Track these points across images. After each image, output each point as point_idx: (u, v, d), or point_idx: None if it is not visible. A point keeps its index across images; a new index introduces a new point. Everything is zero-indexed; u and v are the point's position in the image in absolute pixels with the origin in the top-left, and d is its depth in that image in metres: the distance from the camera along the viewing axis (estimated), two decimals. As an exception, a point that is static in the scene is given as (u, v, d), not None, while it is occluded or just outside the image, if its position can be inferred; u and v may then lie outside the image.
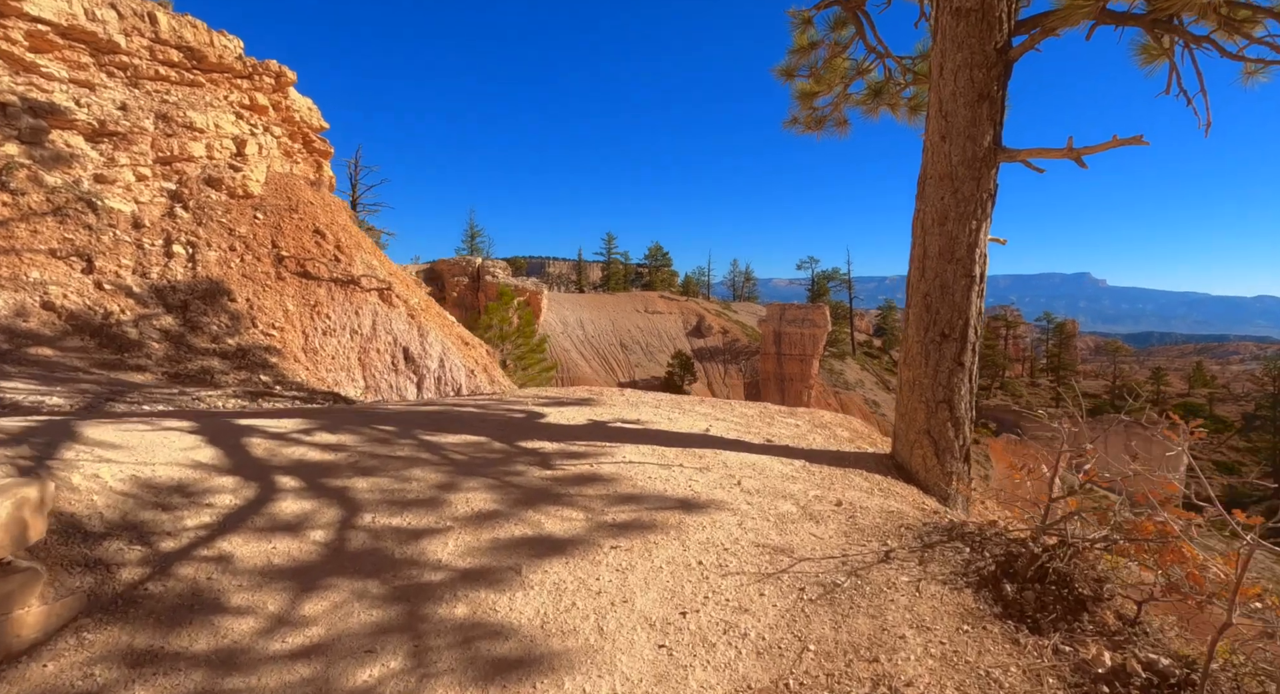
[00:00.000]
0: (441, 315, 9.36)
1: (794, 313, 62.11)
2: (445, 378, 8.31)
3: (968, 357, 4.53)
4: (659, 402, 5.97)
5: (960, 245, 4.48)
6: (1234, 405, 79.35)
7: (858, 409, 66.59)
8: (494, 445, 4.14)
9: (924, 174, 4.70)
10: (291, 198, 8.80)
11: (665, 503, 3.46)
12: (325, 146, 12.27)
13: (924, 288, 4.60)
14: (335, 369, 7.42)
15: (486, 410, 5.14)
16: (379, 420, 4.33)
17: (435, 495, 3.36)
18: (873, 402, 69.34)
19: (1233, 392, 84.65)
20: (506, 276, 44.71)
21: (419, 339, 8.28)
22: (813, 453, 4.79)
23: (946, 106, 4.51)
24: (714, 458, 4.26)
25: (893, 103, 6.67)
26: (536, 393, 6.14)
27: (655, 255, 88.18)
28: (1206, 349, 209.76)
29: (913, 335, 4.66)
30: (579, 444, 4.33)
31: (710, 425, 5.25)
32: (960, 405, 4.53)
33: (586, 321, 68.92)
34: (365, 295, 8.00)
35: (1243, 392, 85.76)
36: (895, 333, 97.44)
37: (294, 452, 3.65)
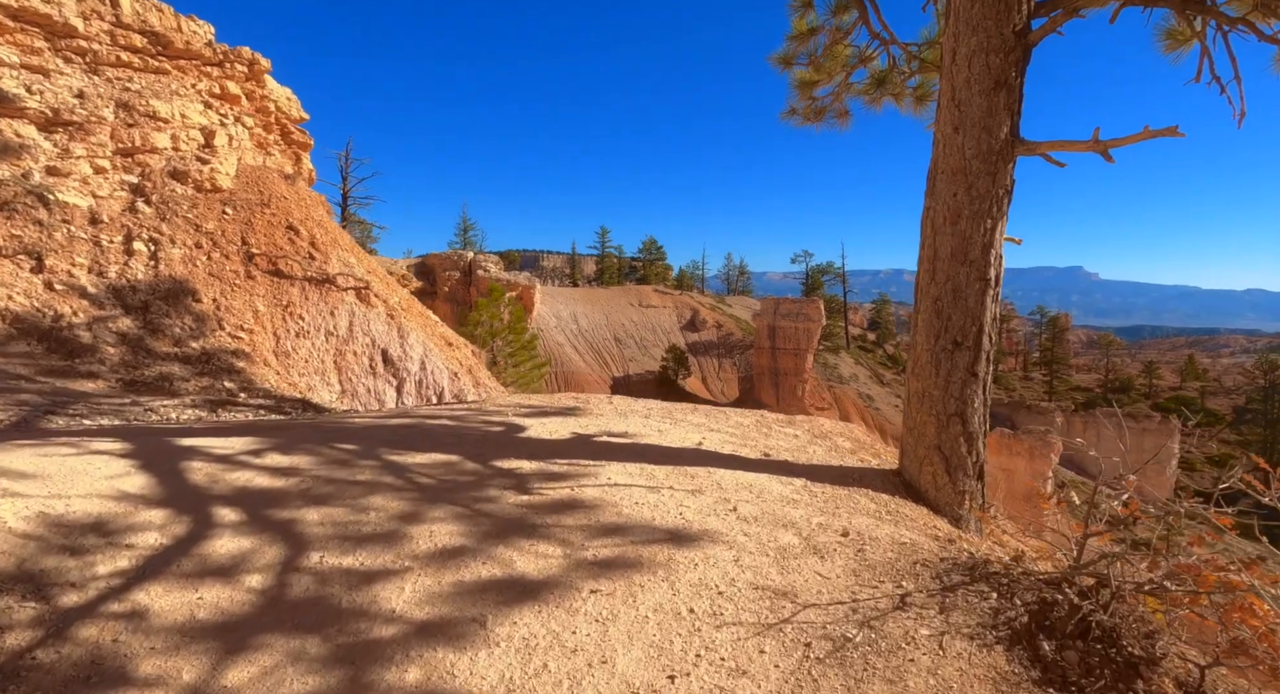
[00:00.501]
0: (424, 315, 8.98)
1: (788, 307, 61.85)
2: (427, 381, 7.93)
3: (982, 366, 4.18)
4: (649, 410, 5.62)
5: (974, 246, 4.13)
6: (1225, 399, 79.72)
7: (851, 403, 66.50)
8: (466, 466, 3.77)
9: (934, 168, 4.35)
10: (264, 192, 8.36)
11: (653, 534, 3.11)
12: (304, 138, 11.81)
13: (934, 292, 4.25)
14: (309, 373, 7.03)
15: (462, 423, 4.78)
16: (340, 438, 3.96)
17: (395, 528, 2.99)
18: (866, 396, 69.26)
19: (1224, 385, 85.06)
20: (499, 271, 44.22)
21: (399, 340, 7.90)
22: (814, 469, 4.44)
23: (960, 95, 4.15)
24: (707, 478, 3.91)
25: (897, 93, 6.31)
26: (519, 402, 5.77)
27: (649, 249, 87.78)
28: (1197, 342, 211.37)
29: (922, 343, 4.31)
30: (560, 463, 3.97)
31: (704, 438, 4.90)
32: (974, 419, 4.18)
33: (580, 316, 68.51)
34: (341, 295, 7.61)
35: (1234, 385, 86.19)
36: (889, 327, 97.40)
37: (239, 477, 3.27)
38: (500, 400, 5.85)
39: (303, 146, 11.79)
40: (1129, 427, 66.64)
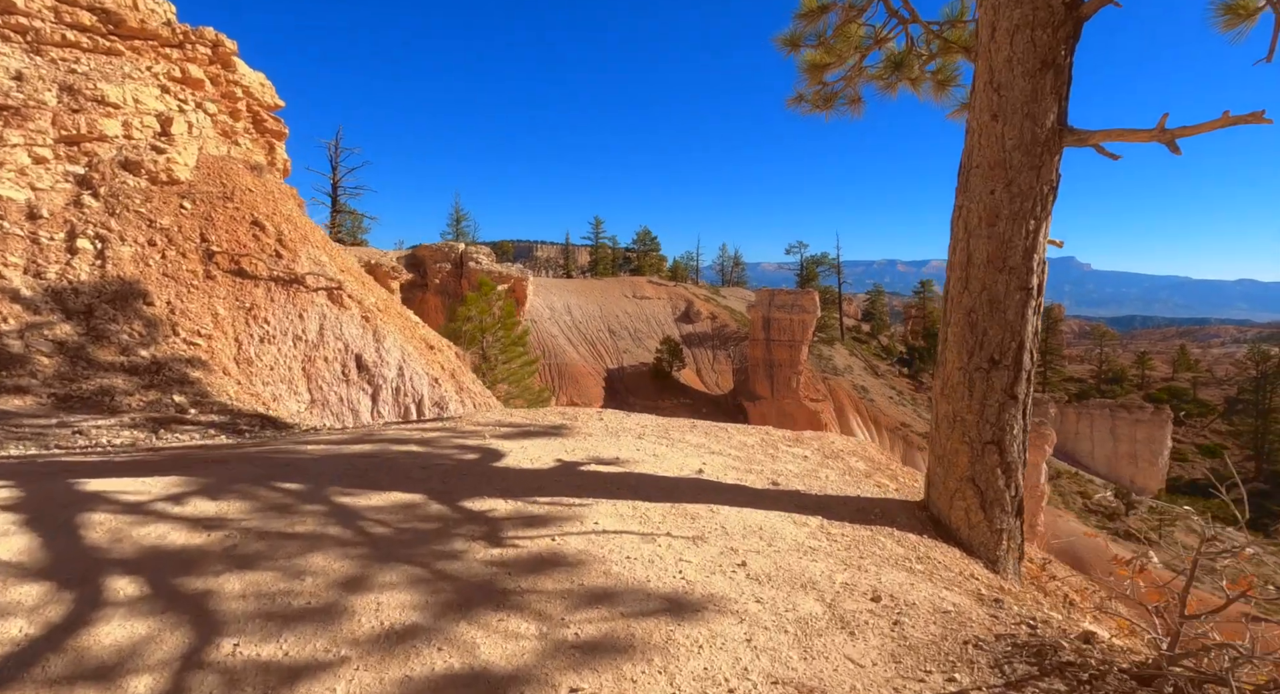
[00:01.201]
0: (403, 316, 8.41)
1: (783, 298, 61.39)
2: (405, 388, 7.39)
3: (1021, 387, 3.67)
4: (643, 429, 5.09)
5: (1014, 250, 3.60)
6: (1217, 389, 79.99)
7: (846, 395, 66.26)
8: (430, 508, 3.24)
9: (968, 162, 3.82)
10: (227, 184, 7.73)
11: (648, 603, 2.59)
12: (279, 126, 11.17)
13: (967, 302, 3.73)
14: (274, 381, 6.48)
15: (432, 448, 4.25)
16: (284, 473, 3.42)
17: (334, 600, 2.46)
18: (861, 387, 69.04)
19: (1215, 375, 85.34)
20: (490, 263, 43.52)
21: (374, 344, 7.34)
22: (829, 501, 3.93)
23: (1000, 78, 3.61)
24: (710, 519, 3.39)
25: (914, 78, 5.75)
26: (499, 419, 5.22)
27: (644, 240, 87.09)
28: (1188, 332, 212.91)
29: (953, 360, 3.80)
30: (541, 501, 3.44)
31: (704, 463, 4.38)
32: (1013, 448, 3.68)
33: (574, 307, 67.89)
34: (311, 296, 7.05)
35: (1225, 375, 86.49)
36: (883, 318, 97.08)
37: (149, 534, 2.73)
38: (479, 418, 5.30)
39: (277, 135, 11.15)
40: (1121, 417, 66.69)
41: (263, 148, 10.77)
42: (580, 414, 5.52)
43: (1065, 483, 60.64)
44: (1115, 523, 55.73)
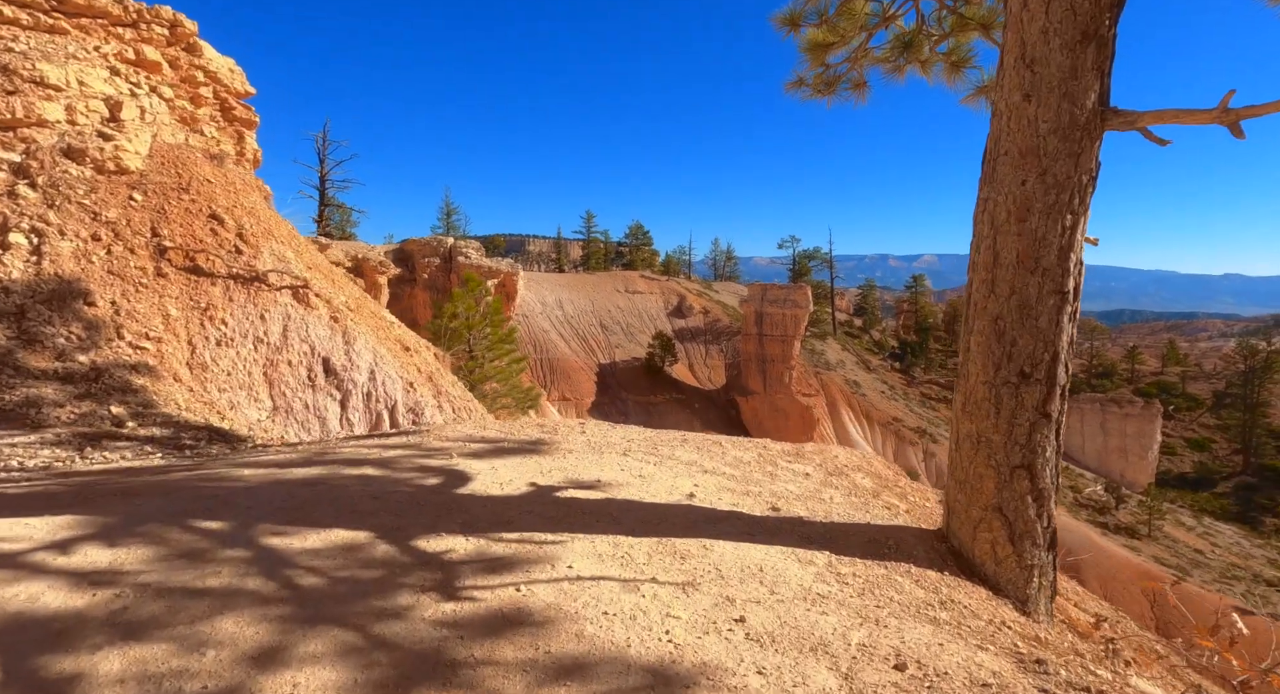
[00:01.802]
0: (376, 316, 7.91)
1: (776, 293, 61.13)
2: (376, 393, 6.90)
3: (1055, 404, 3.24)
4: (629, 444, 4.63)
5: (1048, 249, 3.16)
6: (1205, 383, 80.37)
7: (838, 389, 66.14)
8: (376, 550, 2.77)
9: (994, 149, 3.37)
10: (183, 175, 7.18)
11: (627, 678, 2.14)
12: (249, 115, 10.61)
13: (994, 308, 3.29)
14: (231, 388, 5.97)
15: (389, 471, 3.78)
16: (207, 509, 2.94)
17: (239, 681, 1.99)
18: (853, 382, 68.92)
19: (1204, 370, 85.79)
20: (480, 257, 42.90)
21: (344, 347, 6.85)
22: (836, 531, 3.49)
23: (1033, 52, 3.16)
24: (701, 558, 2.94)
25: (924, 60, 5.29)
26: (471, 433, 4.76)
27: (636, 234, 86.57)
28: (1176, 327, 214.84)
29: (977, 373, 3.36)
30: (508, 538, 2.98)
31: (695, 484, 3.93)
32: (1045, 473, 3.25)
33: (566, 302, 67.35)
34: (274, 295, 6.54)
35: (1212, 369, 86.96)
36: (874, 313, 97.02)
37: (18, 594, 2.25)
38: (449, 432, 4.82)
39: (246, 124, 10.58)
40: (1111, 412, 66.85)
41: (231, 137, 10.20)
42: (561, 427, 5.05)
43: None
44: (1106, 517, 55.92)
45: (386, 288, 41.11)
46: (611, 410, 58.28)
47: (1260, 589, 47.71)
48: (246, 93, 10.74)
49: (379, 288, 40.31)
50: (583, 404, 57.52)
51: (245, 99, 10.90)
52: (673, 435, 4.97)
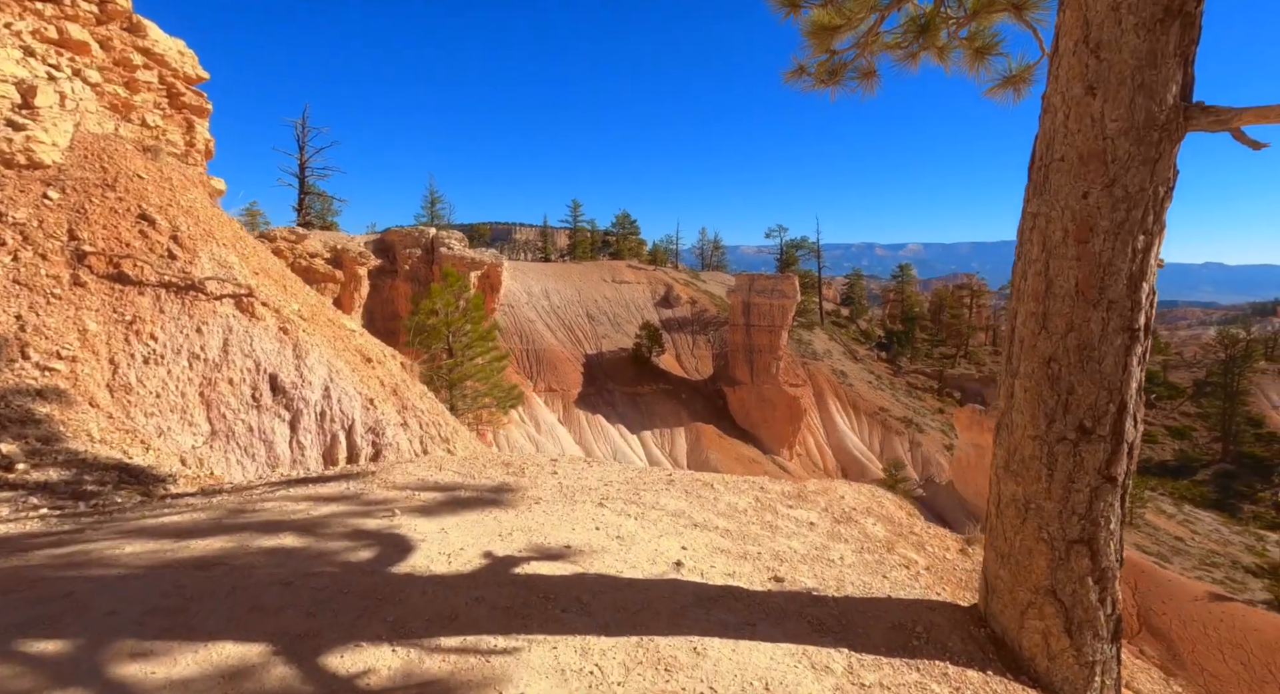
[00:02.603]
0: (334, 324, 7.20)
1: (763, 283, 60.68)
2: (331, 412, 6.24)
3: (1121, 465, 2.66)
4: (606, 487, 4.00)
5: (1115, 277, 2.58)
6: (1186, 372, 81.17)
7: (825, 380, 66.00)
8: (268, 678, 2.13)
9: (1046, 154, 2.76)
10: (109, 169, 6.41)
11: None
12: (200, 102, 9.79)
13: (1046, 347, 2.70)
14: (160, 411, 5.29)
15: (315, 539, 3.13)
16: (51, 617, 2.27)
17: None
18: (840, 372, 68.80)
19: (1185, 358, 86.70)
20: (463, 248, 41.96)
21: (294, 361, 6.18)
22: (853, 613, 2.91)
23: (1100, 34, 2.56)
24: (691, 671, 2.34)
25: (942, 46, 4.66)
26: (423, 478, 4.11)
27: (623, 223, 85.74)
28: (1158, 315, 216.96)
29: (1024, 426, 2.77)
30: (447, 645, 2.36)
31: (684, 547, 3.33)
32: (1109, 548, 2.68)
33: (552, 291, 66.51)
34: (213, 305, 5.84)
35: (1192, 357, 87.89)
36: (861, 302, 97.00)
37: None
38: (397, 476, 4.16)
39: (197, 112, 9.76)
40: (1095, 401, 67.10)
41: (179, 126, 9.39)
42: (529, 466, 4.41)
43: None
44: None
45: (367, 279, 40.13)
46: (598, 401, 57.75)
47: (1239, 575, 48.34)
48: (198, 78, 9.91)
49: (359, 279, 39.33)
50: (569, 395, 56.94)
51: (197, 84, 10.07)
52: (657, 476, 4.35)
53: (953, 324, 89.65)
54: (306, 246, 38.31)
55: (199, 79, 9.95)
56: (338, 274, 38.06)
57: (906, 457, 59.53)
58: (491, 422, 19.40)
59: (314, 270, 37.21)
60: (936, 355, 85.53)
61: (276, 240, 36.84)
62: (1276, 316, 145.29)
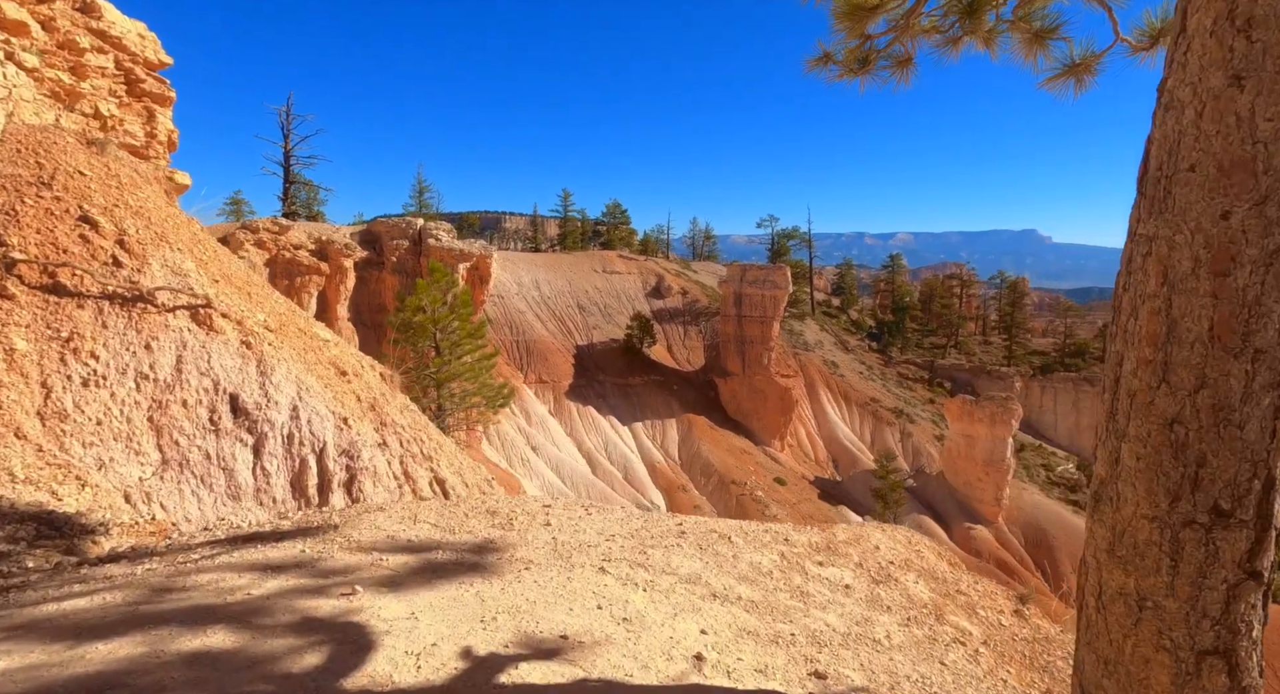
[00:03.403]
0: (305, 334, 6.55)
1: (755, 274, 60.22)
2: (300, 434, 5.64)
3: (1266, 558, 2.12)
4: (609, 545, 3.42)
5: (1265, 319, 2.02)
6: None
7: (817, 370, 65.82)
8: None
9: (1169, 163, 2.19)
10: (46, 165, 5.72)
11: None
12: (162, 89, 9.06)
13: (1168, 406, 2.15)
14: (102, 440, 4.66)
15: (251, 635, 2.54)
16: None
17: None
18: (831, 362, 68.66)
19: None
20: (451, 240, 41.10)
21: (258, 379, 5.57)
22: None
23: (1250, 7, 1.98)
24: None
25: (989, 31, 4.08)
26: (393, 535, 3.53)
27: (613, 212, 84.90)
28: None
29: (1137, 502, 2.22)
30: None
31: (704, 631, 2.78)
32: (1251, 662, 2.14)
33: (543, 282, 65.77)
34: (165, 318, 5.21)
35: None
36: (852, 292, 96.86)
37: None
38: (364, 533, 3.55)
39: (159, 100, 9.03)
40: (1084, 391, 67.46)
41: (138, 115, 8.66)
42: (519, 514, 3.82)
43: (1029, 456, 61.44)
44: (1077, 495, 56.63)
45: (353, 272, 39.22)
46: (589, 393, 57.28)
47: None
48: (160, 63, 9.17)
49: (344, 272, 38.43)
50: (560, 386, 56.39)
51: (160, 70, 9.33)
52: (665, 526, 3.76)
53: (943, 314, 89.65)
54: (290, 238, 37.33)
55: (161, 65, 9.21)
56: (323, 266, 37.14)
57: (897, 447, 59.53)
58: (480, 421, 18.80)
59: (298, 263, 36.29)
60: (927, 345, 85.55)
61: (259, 231, 35.84)
62: None
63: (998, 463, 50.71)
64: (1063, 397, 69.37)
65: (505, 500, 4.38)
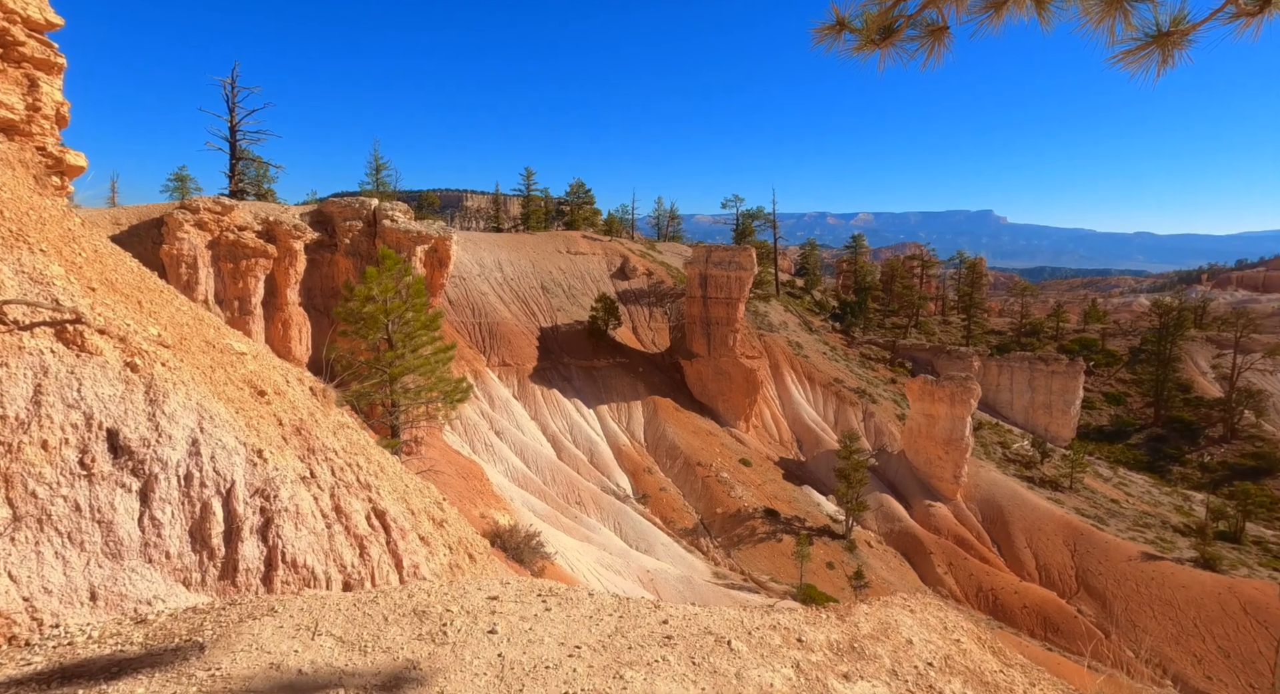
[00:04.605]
0: (214, 347, 5.49)
1: (720, 255, 59.67)
2: (201, 474, 4.69)
3: None
4: (572, 666, 2.59)
5: None
6: (1123, 339, 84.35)
7: (781, 351, 65.99)
8: None
9: None
10: None
11: None
12: (48, 54, 7.73)
13: None
14: (-70, 500, 3.68)
15: None
16: None
17: None
18: (795, 343, 68.91)
19: (1121, 326, 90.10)
20: (408, 221, 39.29)
21: (146, 408, 4.58)
22: None
23: None
24: None
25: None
26: (279, 662, 2.63)
27: (577, 192, 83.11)
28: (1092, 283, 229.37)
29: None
30: None
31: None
32: None
33: (505, 263, 64.15)
34: (19, 338, 4.17)
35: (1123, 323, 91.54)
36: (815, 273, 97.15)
37: None
38: (238, 663, 2.65)
39: (44, 67, 7.68)
40: (1039, 369, 69.21)
41: (16, 85, 7.36)
42: (456, 614, 2.97)
43: (986, 433, 62.91)
44: (1032, 471, 58.26)
45: (303, 254, 37.18)
46: (554, 375, 56.35)
47: (1168, 535, 50.80)
48: (49, 24, 7.83)
49: (294, 254, 36.39)
50: (524, 369, 55.31)
51: (48, 32, 7.99)
52: (648, 629, 2.93)
53: (904, 295, 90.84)
54: (234, 218, 35.11)
55: (50, 25, 7.88)
56: (270, 249, 35.05)
57: (860, 427, 60.18)
58: (438, 417, 17.75)
59: (243, 245, 34.16)
60: (889, 325, 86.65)
61: (200, 212, 33.54)
62: (1202, 284, 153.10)
63: (957, 441, 51.59)
64: (1019, 375, 71.09)
65: (439, 592, 3.50)
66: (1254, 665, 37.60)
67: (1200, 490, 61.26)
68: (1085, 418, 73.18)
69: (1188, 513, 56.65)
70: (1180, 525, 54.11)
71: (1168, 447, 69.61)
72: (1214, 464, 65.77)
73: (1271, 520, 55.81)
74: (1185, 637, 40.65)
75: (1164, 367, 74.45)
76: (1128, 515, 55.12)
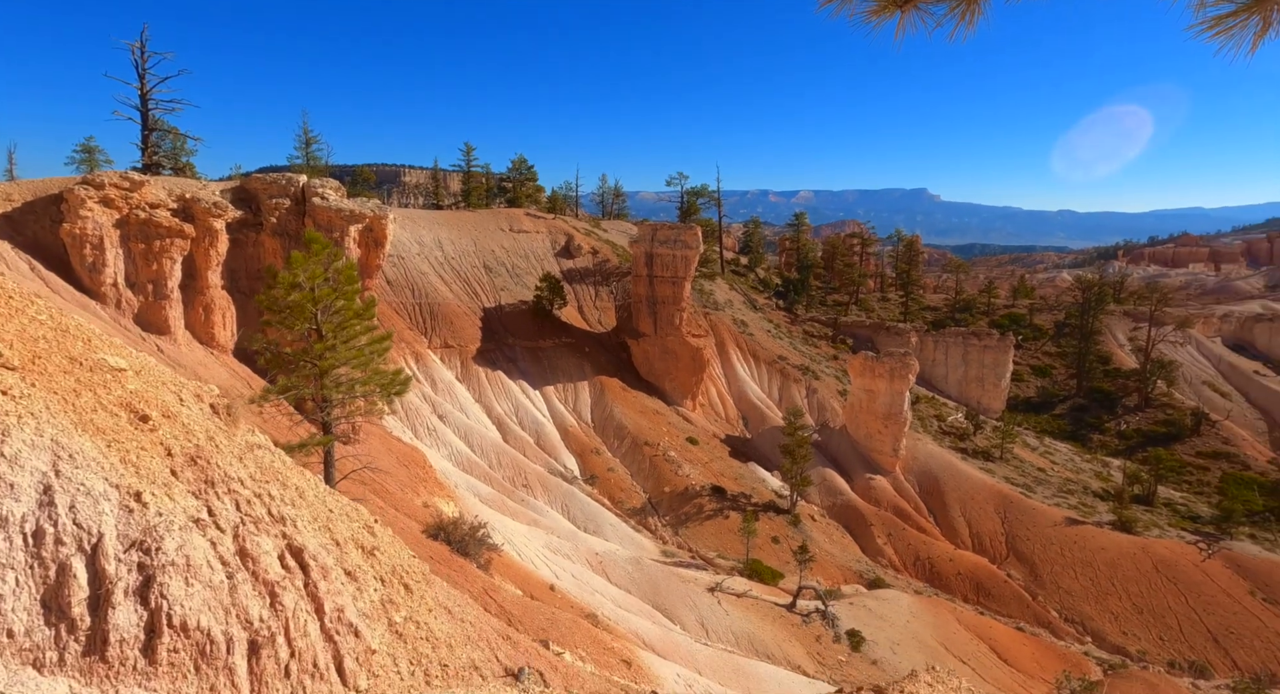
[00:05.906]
0: (81, 366, 4.52)
1: (666, 233, 59.01)
2: (58, 529, 3.81)
3: None
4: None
5: None
6: (1049, 314, 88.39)
7: (726, 330, 66.21)
8: None
9: None
10: None
11: None
12: None
13: None
14: None
15: None
16: None
17: None
18: (740, 322, 69.25)
19: (1048, 302, 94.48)
20: (340, 199, 37.00)
21: (-18, 451, 3.66)
22: None
23: None
24: None
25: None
26: None
27: (519, 168, 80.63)
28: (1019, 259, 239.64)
29: None
30: None
31: None
32: None
33: (446, 241, 61.79)
34: None
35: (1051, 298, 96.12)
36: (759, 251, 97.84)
37: None
38: None
39: None
40: (972, 344, 71.92)
41: None
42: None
43: (923, 407, 64.96)
44: (965, 442, 60.62)
45: (225, 234, 34.51)
46: (499, 357, 54.90)
47: (1089, 500, 53.93)
48: None
49: (215, 234, 33.73)
50: (467, 351, 53.66)
51: None
52: None
53: (845, 273, 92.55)
54: (145, 195, 32.19)
55: None
56: (186, 229, 32.34)
57: (804, 403, 61.22)
58: (372, 412, 16.65)
59: (156, 224, 31.38)
60: (830, 303, 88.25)
61: (105, 188, 30.53)
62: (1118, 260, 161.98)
63: (896, 415, 52.97)
64: (953, 350, 73.49)
65: None
66: (1164, 620, 40.23)
67: (1118, 457, 65.00)
68: (1014, 390, 76.48)
69: (1106, 478, 60.07)
70: (1100, 491, 57.35)
71: (1089, 416, 73.50)
72: (1130, 432, 69.85)
73: (1180, 483, 59.76)
74: (1103, 596, 43.21)
75: (1086, 340, 78.35)
76: (1053, 483, 57.99)
